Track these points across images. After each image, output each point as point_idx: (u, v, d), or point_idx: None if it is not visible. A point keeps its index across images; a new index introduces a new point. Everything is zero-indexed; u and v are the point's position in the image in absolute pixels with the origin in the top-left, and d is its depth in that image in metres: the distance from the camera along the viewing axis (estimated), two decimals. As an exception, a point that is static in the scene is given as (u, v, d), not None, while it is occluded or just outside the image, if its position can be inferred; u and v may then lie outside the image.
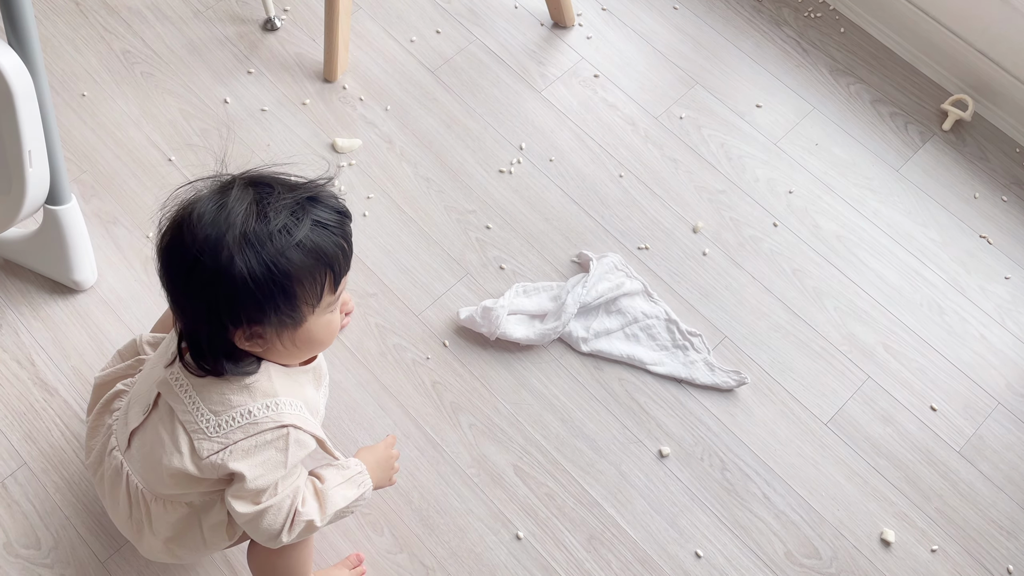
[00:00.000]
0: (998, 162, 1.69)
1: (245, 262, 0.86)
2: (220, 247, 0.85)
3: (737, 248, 1.56)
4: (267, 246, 0.86)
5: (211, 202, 0.87)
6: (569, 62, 1.72)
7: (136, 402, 1.04)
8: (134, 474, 1.04)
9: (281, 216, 0.87)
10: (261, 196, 0.88)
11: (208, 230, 0.86)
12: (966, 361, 1.50)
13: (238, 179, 0.91)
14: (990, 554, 1.35)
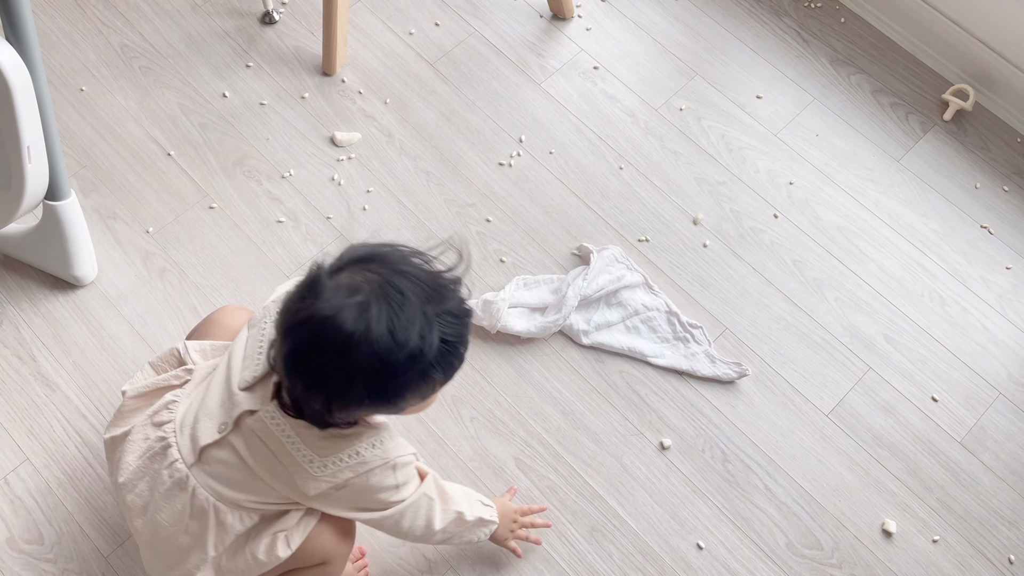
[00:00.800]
0: (999, 152, 1.69)
1: (369, 380, 0.91)
2: (351, 358, 0.89)
3: (738, 239, 1.56)
4: (397, 368, 0.90)
5: (352, 312, 0.88)
6: (568, 54, 1.72)
7: (207, 417, 1.02)
8: (204, 488, 1.01)
9: (412, 339, 0.89)
10: (394, 312, 0.89)
11: (345, 342, 0.88)
12: (967, 351, 1.50)
13: (377, 284, 0.90)
14: (992, 544, 1.36)
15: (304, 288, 0.91)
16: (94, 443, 1.31)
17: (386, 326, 0.88)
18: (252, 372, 1.01)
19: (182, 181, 1.53)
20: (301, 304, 0.90)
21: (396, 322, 0.88)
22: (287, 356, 0.91)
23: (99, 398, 1.34)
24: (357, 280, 0.90)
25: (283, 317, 0.93)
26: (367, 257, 0.93)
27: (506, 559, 1.28)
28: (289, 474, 0.99)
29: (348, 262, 0.93)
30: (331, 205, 1.53)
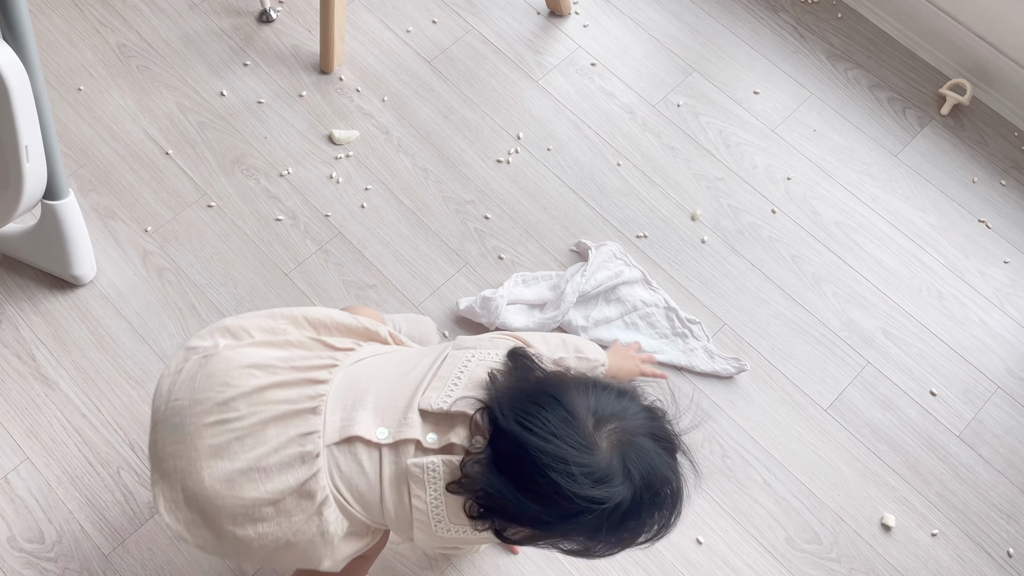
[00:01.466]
0: (997, 146, 1.69)
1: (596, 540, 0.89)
2: (585, 524, 0.85)
3: (736, 235, 1.56)
4: (623, 542, 0.89)
5: (628, 493, 0.85)
6: (566, 51, 1.72)
7: (373, 409, 0.91)
8: (327, 474, 0.90)
9: (651, 529, 0.89)
10: (650, 503, 0.87)
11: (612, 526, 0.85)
12: (965, 346, 1.50)
13: (646, 479, 0.87)
14: (990, 537, 1.36)
15: (568, 434, 0.83)
16: (94, 442, 1.32)
17: (645, 518, 0.87)
18: (441, 403, 0.90)
19: (180, 180, 1.53)
20: (579, 466, 0.82)
21: (648, 515, 0.87)
22: (518, 505, 0.84)
23: (99, 397, 1.35)
24: (629, 445, 0.86)
25: (531, 453, 0.82)
26: (618, 415, 0.87)
27: (506, 559, 1.29)
28: (410, 517, 0.91)
29: (606, 417, 0.86)
30: (329, 203, 1.53)
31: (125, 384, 1.36)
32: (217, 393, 0.90)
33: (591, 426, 0.83)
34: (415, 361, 0.96)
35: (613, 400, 0.87)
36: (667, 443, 0.89)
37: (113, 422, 1.33)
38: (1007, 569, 1.34)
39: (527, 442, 0.81)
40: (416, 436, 0.89)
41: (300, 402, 0.90)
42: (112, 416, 1.33)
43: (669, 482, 0.88)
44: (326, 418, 0.90)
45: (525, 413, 0.83)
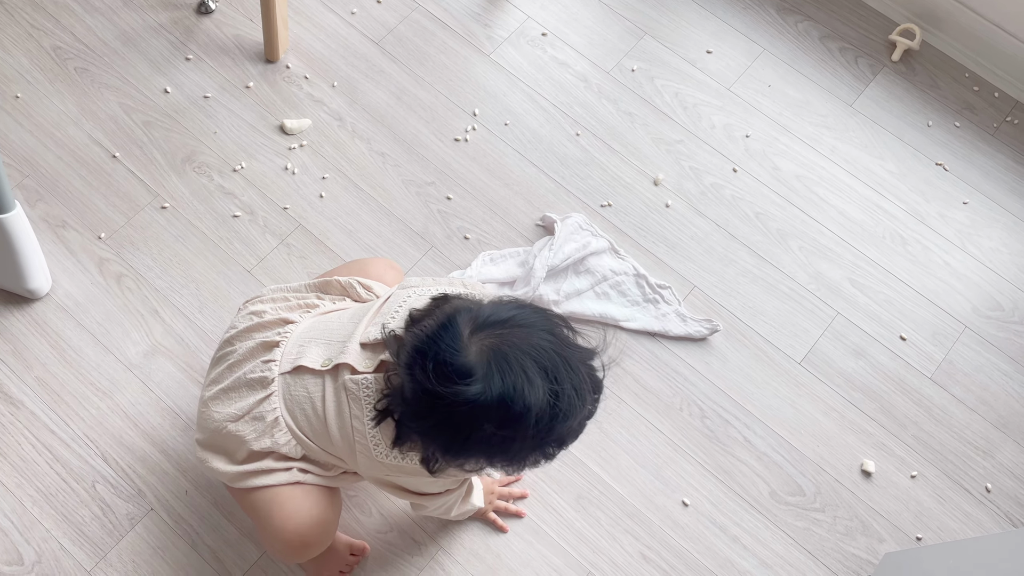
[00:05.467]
0: (948, 88, 1.70)
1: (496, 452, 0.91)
2: (519, 430, 0.87)
3: (699, 197, 1.56)
4: (528, 445, 0.89)
5: (543, 396, 0.86)
6: (515, 22, 1.70)
7: (321, 344, 1.02)
8: (280, 397, 1.03)
9: (572, 431, 0.91)
10: (558, 399, 0.87)
11: (474, 417, 0.86)
12: (931, 289, 1.52)
13: (528, 358, 0.87)
14: (968, 475, 1.39)
15: (443, 338, 0.87)
16: (66, 457, 1.29)
17: (548, 403, 0.86)
18: (376, 334, 0.98)
19: (131, 183, 1.49)
20: (442, 363, 0.86)
21: (561, 406, 0.87)
22: (410, 409, 0.89)
23: (66, 412, 1.31)
24: (508, 347, 0.86)
25: (414, 358, 0.88)
26: (510, 320, 0.89)
27: (495, 536, 1.28)
28: (352, 440, 0.98)
29: (491, 323, 0.89)
30: (287, 195, 1.50)
31: (92, 396, 1.33)
32: (226, 335, 1.11)
33: (467, 332, 0.87)
34: (369, 305, 1.06)
35: (508, 316, 0.90)
36: (561, 359, 0.89)
37: (84, 436, 1.30)
38: (986, 504, 1.37)
39: (411, 345, 0.89)
40: (350, 361, 0.98)
41: (271, 337, 1.06)
42: (82, 430, 1.30)
43: (549, 391, 0.87)
44: (285, 351, 1.04)
45: (421, 324, 0.90)
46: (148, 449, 1.30)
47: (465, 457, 0.90)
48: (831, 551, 1.32)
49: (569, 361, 0.89)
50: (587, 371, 0.91)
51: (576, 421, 0.90)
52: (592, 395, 0.92)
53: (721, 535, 1.31)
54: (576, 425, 0.91)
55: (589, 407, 0.92)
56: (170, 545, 1.25)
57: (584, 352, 0.93)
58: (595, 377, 0.93)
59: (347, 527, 1.27)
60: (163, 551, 1.24)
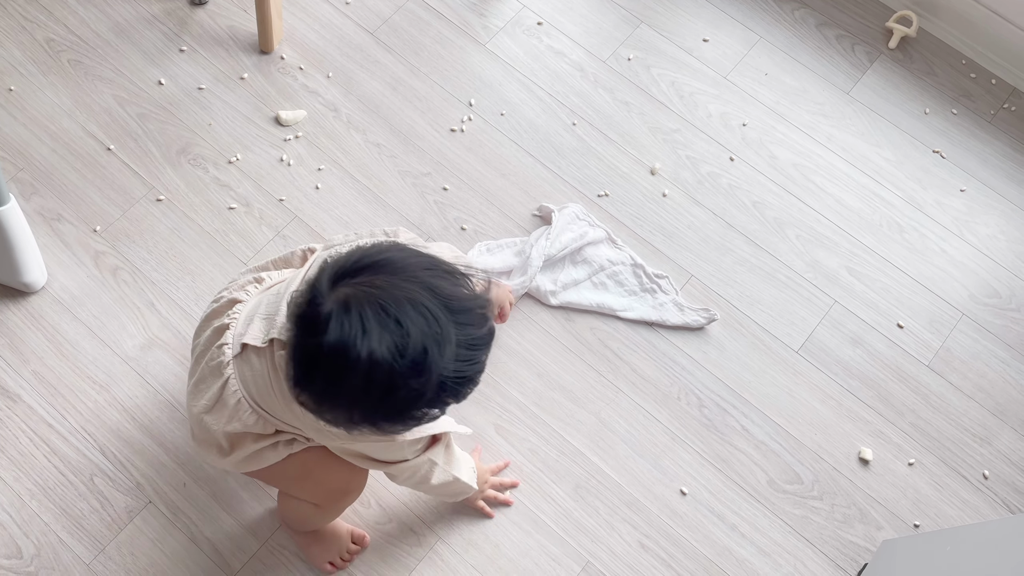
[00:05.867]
0: (945, 76, 1.69)
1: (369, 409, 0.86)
2: (350, 387, 0.82)
3: (696, 186, 1.56)
4: (400, 398, 0.84)
5: (383, 347, 0.80)
6: (511, 11, 1.69)
7: (263, 319, 0.99)
8: (237, 380, 1.00)
9: (425, 370, 0.82)
10: (404, 336, 0.81)
11: (345, 370, 0.81)
12: (928, 276, 1.52)
13: (388, 302, 0.81)
14: (965, 462, 1.39)
15: (309, 291, 0.83)
16: (63, 451, 1.29)
17: (396, 353, 0.80)
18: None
19: (126, 175, 1.48)
20: (300, 316, 0.83)
21: (404, 349, 0.80)
22: (296, 371, 0.85)
23: (63, 405, 1.31)
24: (361, 295, 0.81)
25: (290, 312, 0.85)
26: (378, 265, 0.84)
27: (493, 526, 1.29)
28: (301, 412, 0.94)
29: (356, 269, 0.84)
30: (282, 187, 1.49)
31: (89, 389, 1.32)
32: (197, 327, 1.09)
33: (326, 282, 0.83)
34: (300, 271, 1.03)
35: (372, 263, 0.84)
36: (422, 308, 0.82)
37: (81, 429, 1.30)
38: (984, 491, 1.37)
39: (290, 305, 0.87)
40: (278, 335, 0.95)
41: (223, 321, 1.03)
42: (79, 423, 1.30)
43: (392, 343, 0.80)
44: (235, 332, 1.01)
45: (292, 305, 0.87)
46: (146, 442, 1.30)
47: (347, 414, 0.85)
48: (829, 539, 1.32)
49: (431, 310, 0.81)
50: (462, 320, 0.83)
51: (434, 376, 0.81)
52: (469, 348, 0.83)
53: (719, 524, 1.32)
54: (441, 380, 0.82)
55: (462, 362, 0.83)
56: (169, 538, 1.25)
57: (463, 301, 0.85)
58: (473, 329, 0.84)
59: (346, 518, 1.27)
60: (162, 544, 1.24)
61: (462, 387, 0.86)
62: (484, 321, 0.86)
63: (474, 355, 0.85)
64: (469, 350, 0.84)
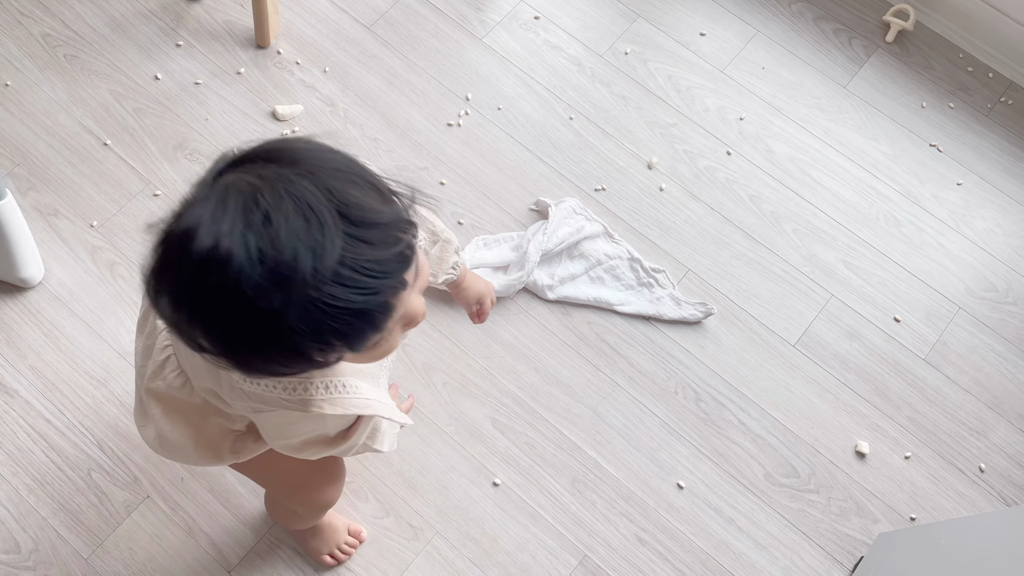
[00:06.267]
0: (943, 69, 1.69)
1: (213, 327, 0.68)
2: (195, 291, 0.65)
3: (693, 180, 1.56)
4: (254, 319, 0.65)
5: (249, 235, 0.63)
6: (508, 5, 1.69)
7: None
8: (174, 359, 0.87)
9: (290, 282, 0.64)
10: (274, 236, 0.63)
11: (193, 267, 0.64)
12: (925, 270, 1.52)
13: (265, 193, 0.64)
14: (962, 455, 1.39)
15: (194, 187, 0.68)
16: (61, 446, 1.29)
17: (254, 253, 0.61)
18: None
19: (122, 170, 1.48)
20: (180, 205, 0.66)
21: (264, 252, 0.61)
22: (144, 271, 0.68)
23: (60, 400, 1.31)
24: (240, 183, 0.64)
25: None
26: (276, 154, 0.67)
27: (490, 518, 1.29)
28: (218, 373, 0.82)
29: (250, 157, 0.67)
30: (280, 182, 1.49)
31: (87, 385, 1.33)
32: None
33: (214, 169, 0.67)
34: None
35: (277, 154, 0.67)
36: (306, 207, 0.63)
37: (79, 424, 1.30)
38: (980, 484, 1.37)
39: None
40: None
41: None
42: (77, 418, 1.30)
43: (255, 241, 0.62)
44: None
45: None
46: (143, 437, 1.30)
47: (206, 334, 0.66)
48: (826, 532, 1.33)
49: (318, 214, 0.63)
50: (360, 235, 0.65)
51: (299, 294, 0.62)
52: (360, 272, 0.64)
53: (716, 517, 1.32)
54: (313, 303, 0.63)
55: (347, 287, 0.64)
56: (167, 532, 1.25)
57: (370, 214, 0.66)
58: (372, 249, 0.65)
59: (343, 512, 1.27)
60: (160, 538, 1.25)
61: (346, 322, 0.65)
62: (393, 244, 0.67)
63: (366, 282, 0.65)
64: (359, 274, 0.64)
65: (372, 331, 0.68)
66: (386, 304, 0.68)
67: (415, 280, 0.72)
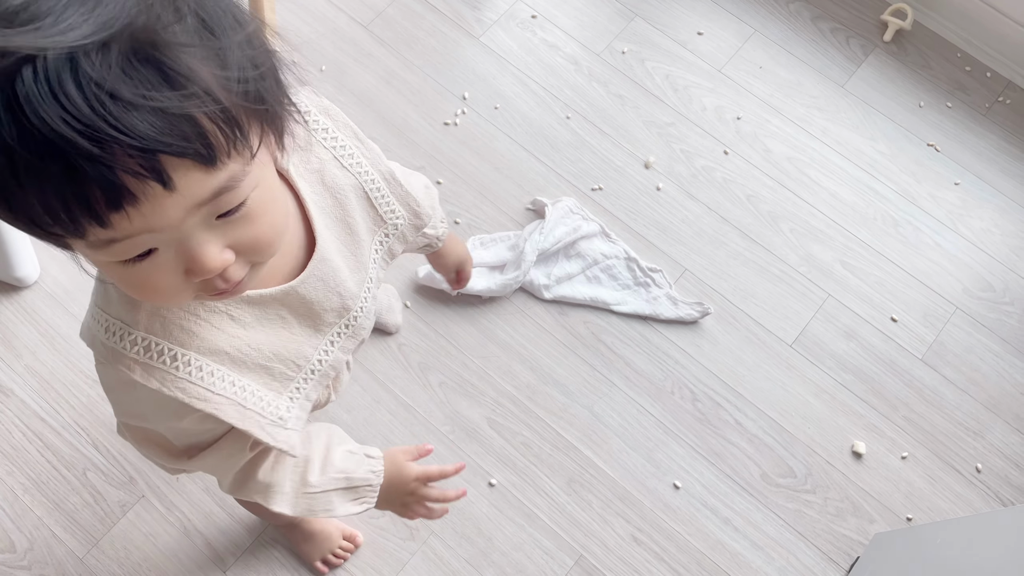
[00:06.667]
0: (940, 69, 1.69)
1: None
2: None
3: (690, 180, 1.56)
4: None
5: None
6: (505, 4, 1.68)
7: None
8: None
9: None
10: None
11: None
12: (922, 270, 1.52)
13: None
14: (958, 455, 1.39)
15: None
16: (56, 445, 1.28)
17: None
18: None
19: (118, 169, 1.48)
20: None
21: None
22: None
23: (56, 399, 1.31)
24: None
25: None
26: None
27: (486, 519, 1.29)
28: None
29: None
30: (276, 181, 1.49)
31: (82, 384, 1.32)
32: None
33: None
34: None
35: None
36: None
37: (74, 424, 1.30)
38: (977, 485, 1.37)
39: None
40: None
41: None
42: (72, 418, 1.30)
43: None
44: None
45: None
46: (139, 436, 1.30)
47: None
48: (822, 532, 1.32)
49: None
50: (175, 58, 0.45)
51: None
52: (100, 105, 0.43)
53: (712, 517, 1.32)
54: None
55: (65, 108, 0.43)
56: (162, 532, 1.25)
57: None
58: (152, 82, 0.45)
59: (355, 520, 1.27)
60: (155, 538, 1.24)
61: (29, 165, 0.44)
62: (189, 96, 0.46)
63: (96, 123, 0.44)
64: (88, 104, 0.43)
65: (71, 209, 0.46)
66: (112, 182, 0.45)
67: (207, 198, 0.49)
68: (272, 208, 0.55)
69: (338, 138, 0.73)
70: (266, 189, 0.55)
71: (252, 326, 0.66)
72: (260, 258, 0.57)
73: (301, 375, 0.70)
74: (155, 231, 0.50)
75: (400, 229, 0.78)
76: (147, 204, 0.47)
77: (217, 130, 0.47)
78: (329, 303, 0.70)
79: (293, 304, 0.68)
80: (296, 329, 0.69)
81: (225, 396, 0.64)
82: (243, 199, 0.52)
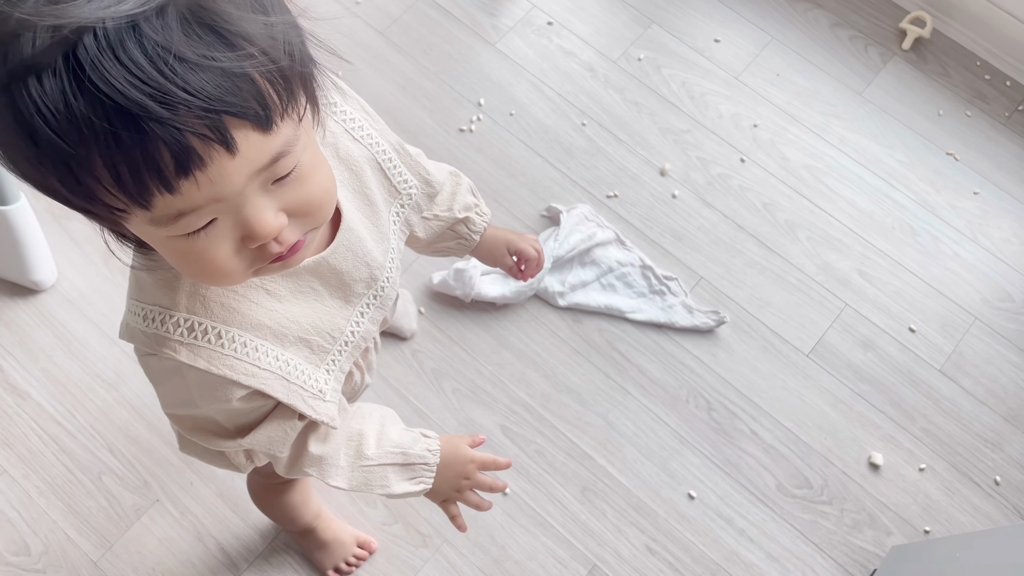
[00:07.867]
0: (960, 77, 1.68)
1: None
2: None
3: (706, 187, 1.55)
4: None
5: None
6: (521, 11, 1.68)
7: None
8: None
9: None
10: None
11: None
12: (941, 280, 1.50)
13: None
14: (977, 467, 1.37)
15: None
16: (72, 449, 1.29)
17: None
18: None
19: (136, 174, 1.48)
20: None
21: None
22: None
23: (72, 403, 1.32)
24: None
25: None
26: None
27: (499, 527, 1.28)
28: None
29: None
30: (292, 186, 1.49)
31: (98, 388, 1.33)
32: None
33: None
34: None
35: None
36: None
37: (90, 427, 1.30)
38: (995, 497, 1.35)
39: None
40: None
41: None
42: (88, 421, 1.31)
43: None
44: None
45: None
46: (154, 441, 1.30)
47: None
48: (838, 544, 1.31)
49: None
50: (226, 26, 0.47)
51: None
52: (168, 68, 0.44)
53: (727, 528, 1.31)
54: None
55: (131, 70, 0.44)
56: (176, 536, 1.25)
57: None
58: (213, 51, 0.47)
59: (352, 519, 1.27)
60: (169, 542, 1.25)
61: (105, 129, 0.45)
62: (241, 57, 0.47)
63: (165, 86, 0.45)
64: (154, 67, 0.44)
65: (141, 174, 0.46)
66: (182, 144, 0.45)
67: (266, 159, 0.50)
68: (320, 170, 0.57)
69: (347, 111, 0.74)
70: (314, 152, 0.57)
71: (287, 299, 0.67)
72: (314, 221, 0.58)
73: (336, 347, 0.71)
74: (220, 199, 0.50)
75: (414, 199, 0.79)
76: (213, 167, 0.48)
77: (272, 91, 0.49)
78: (358, 273, 0.71)
79: (325, 275, 0.69)
80: (328, 301, 0.70)
81: (271, 371, 0.65)
82: (296, 163, 0.54)
